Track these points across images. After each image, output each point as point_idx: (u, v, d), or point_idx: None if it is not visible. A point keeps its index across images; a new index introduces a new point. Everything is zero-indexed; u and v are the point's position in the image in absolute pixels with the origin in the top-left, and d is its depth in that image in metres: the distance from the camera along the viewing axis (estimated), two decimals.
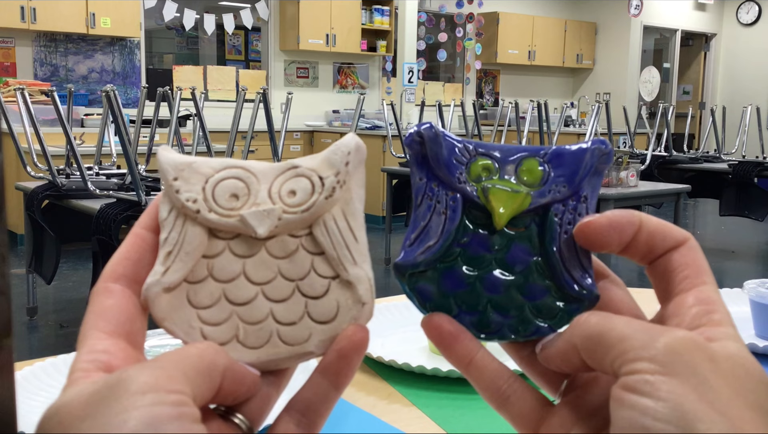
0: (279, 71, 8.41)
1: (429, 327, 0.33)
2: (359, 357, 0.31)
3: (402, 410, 0.77)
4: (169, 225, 0.31)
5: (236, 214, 0.31)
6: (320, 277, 0.32)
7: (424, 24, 8.72)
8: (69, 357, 0.82)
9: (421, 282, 0.34)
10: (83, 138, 4.63)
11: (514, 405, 0.33)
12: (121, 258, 0.31)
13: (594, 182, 0.34)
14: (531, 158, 0.34)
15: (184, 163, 0.32)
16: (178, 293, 0.31)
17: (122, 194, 2.73)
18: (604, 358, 0.28)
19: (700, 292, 0.31)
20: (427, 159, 0.34)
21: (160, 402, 0.25)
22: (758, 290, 0.99)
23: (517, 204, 0.33)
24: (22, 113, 3.19)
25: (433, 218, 0.34)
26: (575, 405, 0.32)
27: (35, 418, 0.71)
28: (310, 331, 0.31)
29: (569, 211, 0.34)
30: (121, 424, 0.24)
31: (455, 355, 0.33)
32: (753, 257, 6.24)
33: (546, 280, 0.34)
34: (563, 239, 0.33)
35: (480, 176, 0.34)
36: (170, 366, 0.27)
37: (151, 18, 7.60)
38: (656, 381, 0.26)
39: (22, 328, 3.68)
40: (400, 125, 5.01)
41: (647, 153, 4.73)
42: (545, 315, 0.34)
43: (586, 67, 10.99)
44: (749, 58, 11.60)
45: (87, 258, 3.38)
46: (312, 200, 0.32)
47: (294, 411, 0.31)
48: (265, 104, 2.96)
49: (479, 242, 0.34)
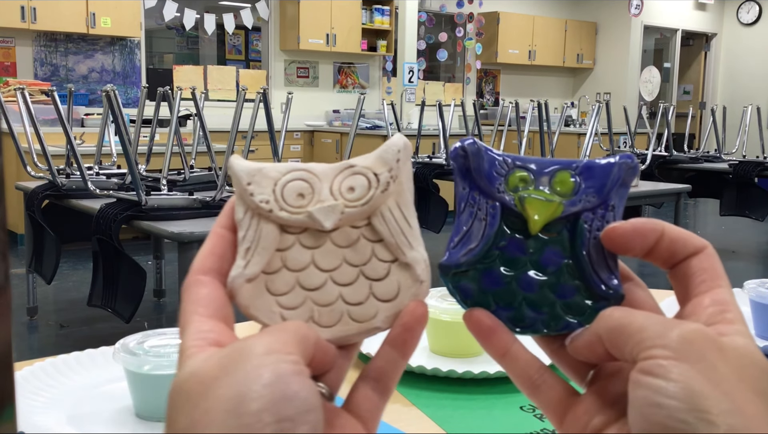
0: (279, 71, 8.41)
1: (470, 320, 0.37)
2: (422, 328, 0.36)
3: (402, 410, 0.77)
4: (245, 224, 0.35)
5: (304, 211, 0.35)
6: (381, 261, 0.36)
7: (425, 24, 8.72)
8: (69, 357, 0.82)
9: (463, 281, 0.37)
10: (83, 138, 4.63)
11: (544, 393, 0.37)
12: (208, 254, 0.35)
13: (621, 192, 0.38)
14: (564, 171, 0.38)
15: (255, 169, 0.36)
16: (257, 284, 0.35)
17: (122, 194, 2.73)
18: (625, 347, 0.32)
19: (716, 294, 0.34)
20: (470, 171, 0.38)
21: (282, 361, 0.30)
22: (758, 290, 0.99)
23: (550, 212, 0.37)
24: (22, 113, 3.19)
25: (475, 224, 0.38)
26: (599, 394, 0.35)
27: (35, 418, 0.72)
28: (376, 309, 0.36)
29: (598, 219, 0.37)
30: (256, 378, 0.29)
31: (493, 346, 0.37)
32: (753, 257, 6.24)
33: (576, 280, 0.37)
34: (592, 244, 0.37)
35: (517, 187, 0.38)
36: (281, 335, 0.31)
37: (152, 18, 7.61)
38: (669, 364, 0.30)
39: (22, 328, 3.68)
40: (400, 125, 5.01)
41: (648, 153, 4.73)
42: (575, 312, 0.37)
43: (586, 67, 10.99)
44: (749, 58, 11.60)
45: (87, 258, 3.38)
46: (370, 194, 0.36)
47: (369, 378, 0.36)
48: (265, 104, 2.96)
49: (516, 246, 0.37)
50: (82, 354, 0.83)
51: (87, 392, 0.77)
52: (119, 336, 0.78)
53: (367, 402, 0.35)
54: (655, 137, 4.86)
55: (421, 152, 4.89)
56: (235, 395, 0.28)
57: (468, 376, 0.82)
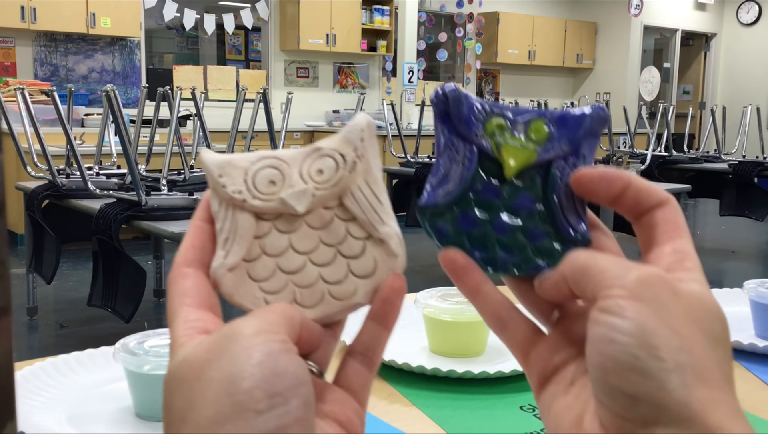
0: (279, 71, 8.41)
1: (446, 259, 0.38)
2: (401, 301, 0.37)
3: (402, 410, 0.77)
4: (221, 216, 0.36)
5: (276, 198, 0.36)
6: (356, 239, 0.37)
7: (424, 24, 8.72)
8: (69, 356, 0.82)
9: (439, 221, 0.39)
10: (83, 138, 4.63)
11: (511, 331, 0.39)
12: (189, 247, 0.37)
13: (592, 142, 0.39)
14: (539, 119, 0.39)
15: (224, 161, 0.37)
16: (239, 272, 0.36)
17: (122, 194, 2.73)
18: (587, 287, 0.34)
19: (677, 244, 0.36)
20: (449, 115, 0.39)
21: (270, 340, 0.31)
22: (758, 290, 0.99)
23: (524, 158, 0.38)
24: (22, 113, 3.19)
25: (453, 167, 0.39)
26: (562, 334, 0.38)
27: (35, 418, 0.72)
28: (355, 286, 0.37)
29: (569, 166, 0.38)
30: (247, 358, 0.30)
31: (466, 285, 0.38)
32: (753, 257, 6.24)
33: (546, 225, 0.39)
34: (563, 191, 0.38)
35: (494, 133, 0.39)
36: (268, 317, 0.32)
37: (151, 18, 7.60)
38: (625, 304, 0.31)
39: (22, 328, 3.68)
40: (400, 125, 5.01)
41: (647, 153, 4.73)
42: (544, 255, 0.39)
43: (586, 67, 10.99)
44: (749, 58, 11.60)
45: (87, 258, 3.38)
46: (338, 175, 0.37)
47: (356, 353, 0.37)
48: (265, 104, 2.97)
49: (491, 190, 0.39)
50: (82, 354, 0.83)
51: (87, 392, 0.77)
52: (119, 336, 0.78)
53: (356, 375, 0.36)
54: (655, 137, 4.86)
55: (421, 152, 4.89)
56: (227, 375, 0.30)
57: (468, 376, 0.82)
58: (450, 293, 0.96)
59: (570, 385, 0.36)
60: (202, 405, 0.30)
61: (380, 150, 6.72)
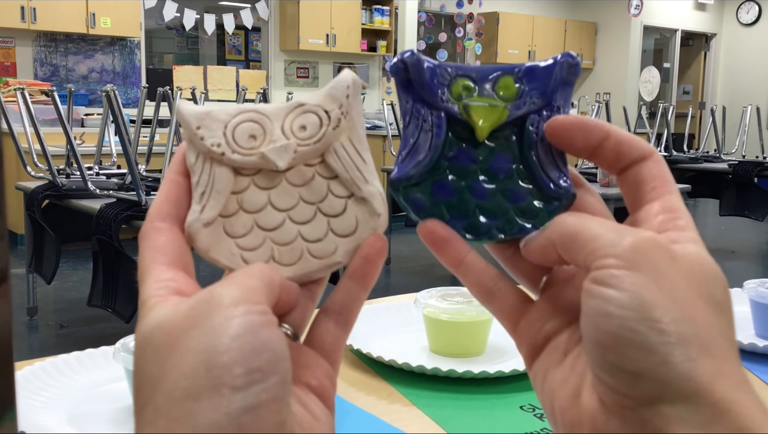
0: (279, 71, 8.42)
1: (424, 231, 0.37)
2: (381, 260, 0.36)
3: (402, 410, 0.77)
4: (198, 169, 0.35)
5: (257, 152, 0.35)
6: (337, 198, 0.36)
7: (424, 24, 8.72)
8: (69, 356, 0.82)
9: (414, 193, 0.37)
10: (83, 138, 4.63)
11: (498, 300, 0.37)
12: (163, 201, 0.35)
13: (565, 92, 0.38)
14: (506, 76, 0.38)
15: (203, 112, 0.36)
16: (215, 227, 0.35)
17: (122, 194, 2.73)
18: (578, 254, 0.32)
19: (666, 201, 0.34)
20: (411, 83, 0.37)
21: (250, 312, 0.29)
22: (758, 290, 0.99)
23: (495, 117, 0.37)
24: (22, 113, 3.19)
25: (421, 136, 0.37)
26: (551, 301, 0.36)
27: (35, 418, 0.72)
28: (335, 244, 0.36)
29: (544, 120, 0.37)
30: (225, 329, 0.29)
31: (448, 256, 0.37)
32: (753, 257, 6.24)
33: (527, 184, 0.37)
34: (540, 146, 0.37)
35: (461, 95, 0.37)
36: (248, 282, 0.31)
37: (151, 18, 7.60)
38: (621, 274, 0.29)
39: (22, 328, 3.68)
40: (400, 125, 5.00)
41: None
42: (528, 216, 0.37)
43: (586, 67, 10.99)
44: (749, 58, 11.60)
45: (87, 258, 3.38)
46: (321, 132, 0.36)
47: (330, 311, 0.36)
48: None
49: (464, 155, 0.37)
50: (82, 353, 0.83)
51: (87, 392, 0.77)
52: (119, 336, 0.78)
53: (328, 335, 0.35)
54: (655, 137, 4.86)
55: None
56: (205, 348, 0.28)
57: (468, 376, 0.82)
58: (450, 293, 0.96)
59: (563, 355, 0.34)
60: (177, 375, 0.28)
61: (380, 150, 6.72)
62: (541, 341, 0.36)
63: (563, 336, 0.35)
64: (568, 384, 0.33)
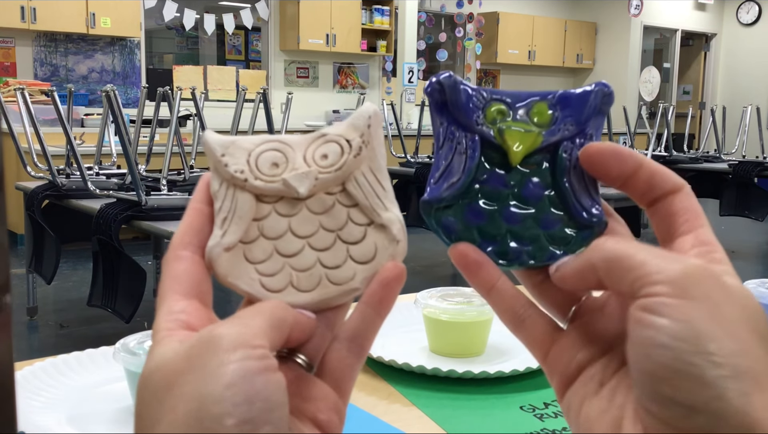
0: (279, 71, 8.41)
1: (456, 254, 0.37)
2: (399, 286, 0.35)
3: (402, 410, 0.77)
4: (221, 196, 0.36)
5: (279, 179, 0.36)
6: (357, 225, 0.36)
7: (424, 24, 8.72)
8: (69, 356, 0.82)
9: (445, 216, 0.37)
10: (83, 138, 4.63)
11: (528, 328, 0.37)
12: (186, 228, 0.35)
13: (598, 121, 0.38)
14: (541, 102, 0.38)
15: (228, 141, 0.36)
16: (235, 252, 0.35)
17: (122, 194, 2.72)
18: (623, 279, 0.31)
19: (700, 234, 0.34)
20: (446, 105, 0.38)
21: (248, 357, 0.29)
22: (758, 290, 0.99)
23: (529, 142, 0.37)
24: (22, 113, 3.19)
25: (455, 158, 0.37)
26: (582, 330, 0.36)
27: (35, 418, 0.72)
28: (354, 271, 0.36)
29: (577, 147, 0.37)
30: (220, 376, 0.28)
31: (480, 280, 0.37)
32: (753, 257, 6.24)
33: (559, 211, 0.37)
34: (573, 173, 0.37)
35: (495, 119, 0.37)
36: (252, 323, 0.31)
37: (151, 18, 7.60)
38: (673, 303, 0.29)
39: (22, 328, 3.68)
40: (400, 125, 5.01)
41: (647, 153, 4.73)
42: (559, 242, 0.37)
43: (586, 67, 10.99)
44: (749, 58, 11.60)
45: (87, 258, 3.38)
46: (343, 159, 0.36)
47: (343, 339, 0.35)
48: (265, 104, 2.96)
49: (497, 179, 0.37)
50: (82, 354, 0.83)
51: (87, 392, 0.77)
52: (119, 336, 0.78)
53: (341, 363, 0.35)
54: (655, 137, 4.86)
55: (421, 152, 4.89)
56: (198, 396, 0.28)
57: (468, 376, 0.82)
58: (450, 293, 0.96)
59: (599, 386, 0.34)
60: (169, 422, 0.29)
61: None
62: (573, 371, 0.35)
63: (597, 366, 0.34)
64: (608, 416, 0.32)
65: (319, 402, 0.33)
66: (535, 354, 0.37)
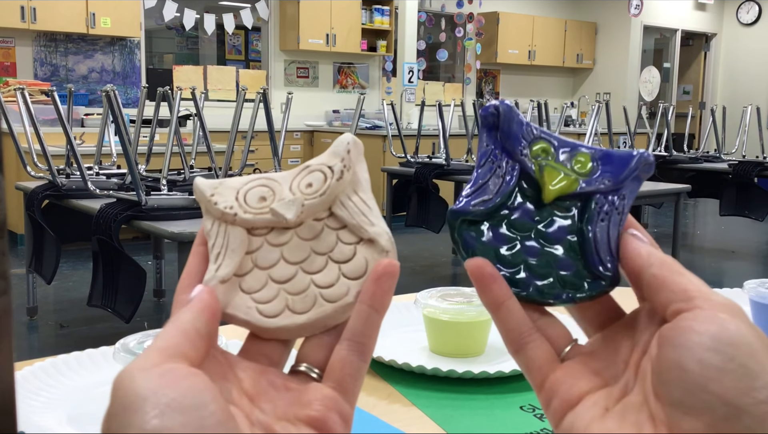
0: (279, 71, 8.41)
1: (472, 266, 0.38)
2: (391, 281, 0.36)
3: (402, 410, 0.77)
4: (213, 234, 0.37)
5: (267, 210, 0.37)
6: (346, 244, 0.38)
7: (424, 24, 8.71)
8: (69, 356, 0.82)
9: (468, 231, 0.39)
10: (83, 138, 4.63)
11: (530, 352, 0.38)
12: (187, 274, 0.37)
13: (634, 185, 0.39)
14: (585, 152, 0.39)
15: (216, 182, 0.38)
16: (230, 285, 0.36)
17: (122, 194, 2.72)
18: (671, 292, 0.33)
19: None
20: (496, 129, 0.39)
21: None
22: (758, 290, 0.99)
23: (566, 185, 0.39)
24: (22, 113, 3.19)
25: (492, 179, 0.39)
26: (584, 362, 0.37)
27: (35, 418, 0.72)
28: (347, 287, 0.37)
29: (608, 204, 0.38)
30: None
31: (491, 295, 0.38)
32: (753, 257, 6.24)
33: (577, 257, 0.38)
34: (599, 226, 0.38)
35: (538, 155, 0.39)
36: (151, 348, 0.31)
37: (151, 18, 7.60)
38: (725, 317, 0.31)
39: (22, 328, 3.68)
40: (400, 125, 5.01)
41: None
42: (569, 286, 0.38)
43: (586, 67, 10.99)
44: (749, 58, 11.60)
45: (87, 258, 3.38)
46: (326, 185, 0.38)
47: (345, 340, 0.36)
48: (265, 104, 2.96)
49: (525, 212, 0.39)
50: (82, 353, 0.83)
51: (87, 392, 0.77)
52: (119, 336, 0.78)
53: (341, 362, 0.35)
54: (655, 137, 4.86)
55: (420, 152, 4.89)
56: None
57: (468, 376, 0.82)
58: (450, 293, 0.96)
59: (604, 410, 0.35)
60: None
61: (380, 150, 6.72)
62: (574, 397, 0.36)
63: (598, 395, 0.36)
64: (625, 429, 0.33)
65: (313, 402, 0.34)
66: (531, 379, 0.38)
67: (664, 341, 0.32)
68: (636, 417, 0.33)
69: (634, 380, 0.34)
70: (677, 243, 4.40)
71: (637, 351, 0.35)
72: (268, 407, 0.34)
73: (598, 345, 0.38)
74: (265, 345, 0.37)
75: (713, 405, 0.30)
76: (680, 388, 0.31)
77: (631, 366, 0.35)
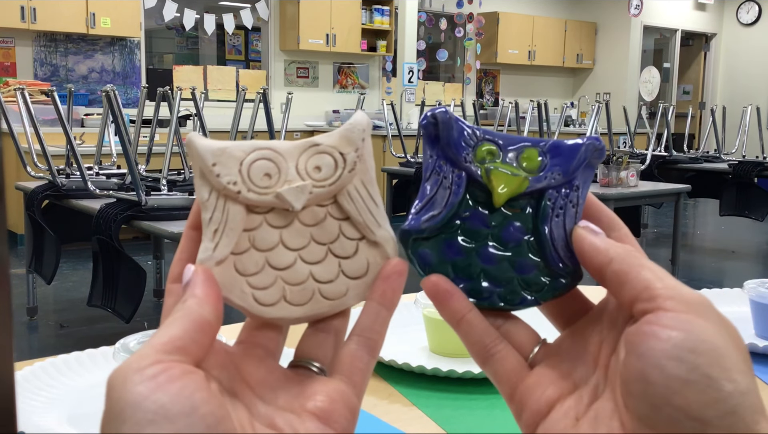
0: (279, 71, 8.41)
1: (428, 284, 0.37)
2: (400, 279, 0.36)
3: (402, 410, 0.77)
4: (211, 206, 0.35)
5: (272, 192, 0.35)
6: (349, 239, 0.36)
7: (424, 24, 8.71)
8: (69, 356, 0.82)
9: (422, 248, 0.37)
10: (83, 138, 4.63)
11: (497, 362, 0.37)
12: (177, 261, 0.36)
13: (587, 174, 0.38)
14: (531, 148, 0.38)
15: (219, 149, 0.35)
16: (227, 265, 0.35)
17: (122, 194, 2.73)
18: (632, 287, 0.32)
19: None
20: (438, 139, 0.38)
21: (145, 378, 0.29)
22: (758, 290, 0.99)
23: (515, 186, 0.37)
24: (22, 113, 3.19)
25: (439, 192, 0.37)
26: (552, 367, 0.36)
27: (35, 418, 0.72)
28: (347, 287, 0.36)
29: (561, 197, 0.37)
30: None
31: (449, 311, 0.37)
32: (753, 257, 6.24)
33: (536, 257, 0.37)
34: (554, 222, 0.37)
35: (484, 159, 0.38)
36: (148, 345, 0.30)
37: (151, 18, 7.60)
38: (690, 319, 0.30)
39: (22, 328, 3.67)
40: (400, 125, 5.01)
41: (647, 153, 4.73)
42: (532, 288, 0.38)
43: (586, 67, 10.99)
44: (749, 58, 11.60)
45: (87, 258, 3.38)
46: (337, 174, 0.36)
47: (354, 335, 0.36)
48: (265, 104, 2.97)
49: (478, 218, 0.38)
50: (82, 354, 0.83)
51: (87, 392, 0.77)
52: (119, 336, 0.78)
53: (350, 356, 0.35)
54: (655, 137, 4.86)
55: (420, 152, 4.89)
56: None
57: (468, 376, 0.82)
58: None
59: (575, 420, 0.34)
60: None
61: (380, 150, 6.72)
62: (544, 407, 0.35)
63: (569, 402, 0.35)
64: None
65: (317, 393, 0.34)
66: (502, 390, 0.37)
67: (629, 348, 0.31)
68: (608, 425, 0.32)
69: (605, 381, 0.34)
70: (677, 243, 4.40)
71: (606, 347, 0.35)
72: (270, 397, 0.34)
73: (567, 343, 0.37)
74: (261, 335, 0.36)
75: (678, 420, 0.29)
76: (645, 402, 0.30)
77: (600, 364, 0.35)
